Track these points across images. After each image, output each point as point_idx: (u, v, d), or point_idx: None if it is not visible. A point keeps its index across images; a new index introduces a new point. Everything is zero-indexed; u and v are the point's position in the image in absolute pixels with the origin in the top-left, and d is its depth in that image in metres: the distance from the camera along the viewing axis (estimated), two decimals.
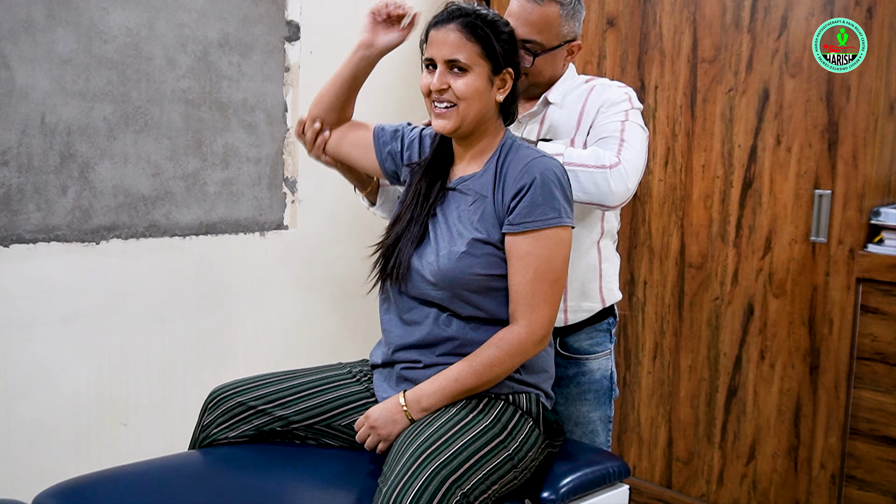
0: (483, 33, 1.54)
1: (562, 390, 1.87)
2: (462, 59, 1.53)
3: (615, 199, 1.63)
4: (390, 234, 1.66)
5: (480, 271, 1.54)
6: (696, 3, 2.44)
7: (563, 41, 1.78)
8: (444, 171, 1.66)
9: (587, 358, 1.87)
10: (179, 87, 2.36)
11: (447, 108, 1.56)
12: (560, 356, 1.85)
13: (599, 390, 1.88)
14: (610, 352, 1.91)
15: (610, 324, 1.91)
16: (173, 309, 2.42)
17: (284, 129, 2.60)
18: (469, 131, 1.59)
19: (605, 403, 1.90)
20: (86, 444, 2.26)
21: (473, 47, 1.54)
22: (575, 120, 1.80)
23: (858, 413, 2.21)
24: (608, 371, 1.90)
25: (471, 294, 1.55)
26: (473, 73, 1.54)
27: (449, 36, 1.54)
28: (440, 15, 1.58)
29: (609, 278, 1.88)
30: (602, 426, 1.91)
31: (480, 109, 1.57)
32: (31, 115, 2.10)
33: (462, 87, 1.54)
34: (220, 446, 1.67)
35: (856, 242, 2.18)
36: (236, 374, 2.44)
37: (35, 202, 2.13)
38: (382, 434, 1.54)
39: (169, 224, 2.38)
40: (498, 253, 1.54)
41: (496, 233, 1.54)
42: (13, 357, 2.13)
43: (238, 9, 2.46)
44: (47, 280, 2.17)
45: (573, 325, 1.86)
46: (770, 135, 2.33)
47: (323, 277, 2.75)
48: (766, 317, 2.36)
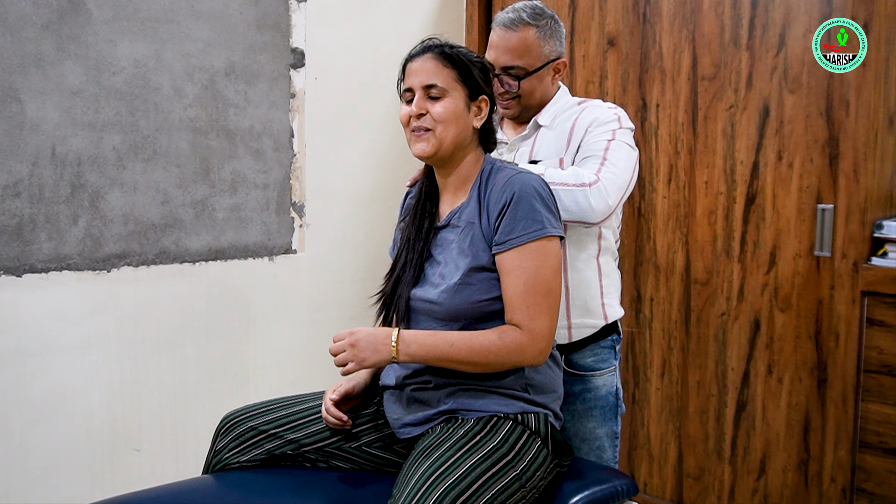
0: (458, 59, 1.60)
1: (568, 407, 1.88)
2: (439, 83, 1.59)
3: (596, 216, 1.69)
4: (388, 281, 1.70)
5: (480, 297, 1.56)
6: (695, 22, 2.47)
7: (546, 61, 1.84)
8: (432, 210, 1.69)
9: (592, 374, 1.89)
10: (187, 115, 2.39)
11: (425, 132, 1.60)
12: (566, 373, 1.87)
13: (605, 406, 1.90)
14: (615, 368, 1.92)
15: (614, 340, 1.93)
16: (184, 335, 2.44)
17: (291, 155, 2.64)
18: (448, 155, 1.62)
19: (612, 419, 1.91)
20: (99, 471, 2.28)
21: (450, 72, 1.59)
22: (565, 140, 1.84)
23: (867, 426, 2.21)
24: (613, 387, 1.92)
25: (477, 322, 1.57)
26: (450, 98, 1.59)
27: (425, 64, 1.60)
28: (416, 48, 1.64)
29: (610, 294, 1.91)
30: (609, 442, 1.92)
31: (458, 133, 1.60)
32: (41, 146, 2.14)
33: (439, 110, 1.58)
34: (232, 471, 1.69)
35: (859, 256, 2.20)
36: (247, 399, 2.46)
37: (47, 232, 2.16)
38: (359, 356, 1.51)
39: (179, 251, 2.41)
40: (493, 276, 1.57)
41: (486, 256, 1.56)
42: (27, 385, 2.15)
43: (243, 38, 2.50)
44: (60, 308, 2.19)
45: (577, 343, 1.88)
46: (771, 150, 2.34)
47: (332, 301, 2.77)
48: (773, 331, 2.37)
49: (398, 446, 1.68)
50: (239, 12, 2.48)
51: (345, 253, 2.79)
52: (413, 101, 1.61)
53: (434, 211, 1.69)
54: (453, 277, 1.57)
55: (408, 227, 1.70)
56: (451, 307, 1.56)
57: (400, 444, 1.68)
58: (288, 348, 2.68)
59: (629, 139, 1.81)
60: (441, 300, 1.57)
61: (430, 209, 1.69)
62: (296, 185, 2.66)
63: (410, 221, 1.70)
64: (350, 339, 1.52)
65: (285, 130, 2.62)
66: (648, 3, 2.56)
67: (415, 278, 1.64)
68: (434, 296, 1.58)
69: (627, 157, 1.77)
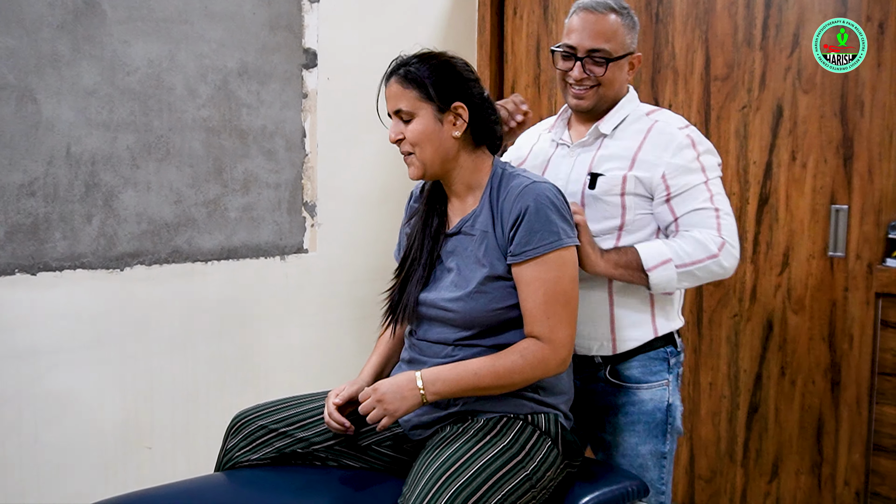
0: (415, 78, 1.58)
1: (609, 419, 1.78)
2: (404, 108, 1.59)
3: (730, 273, 1.70)
4: (397, 280, 1.70)
5: (496, 305, 1.56)
6: (708, 22, 2.46)
7: (627, 51, 1.77)
8: (442, 209, 1.69)
9: (638, 387, 1.76)
10: (200, 115, 2.41)
11: (408, 155, 1.62)
12: (609, 384, 1.77)
13: (651, 422, 1.76)
14: (667, 382, 1.77)
15: (668, 353, 1.78)
16: (196, 333, 2.45)
17: (303, 155, 2.64)
18: (438, 172, 1.63)
19: (658, 437, 1.76)
20: (112, 469, 2.30)
21: (411, 93, 1.59)
22: (629, 158, 1.74)
23: (881, 429, 2.19)
24: (663, 403, 1.76)
25: (491, 330, 1.57)
26: (418, 118, 1.59)
27: (392, 89, 1.61)
28: (387, 72, 1.64)
29: (663, 308, 1.78)
30: (654, 461, 1.77)
31: (437, 150, 1.60)
32: (56, 146, 2.16)
33: (411, 133, 1.59)
34: (243, 469, 1.70)
35: (874, 257, 2.18)
36: (259, 397, 2.47)
37: (61, 231, 2.18)
38: (389, 409, 1.52)
39: (191, 250, 2.42)
40: (509, 284, 1.57)
41: (501, 265, 1.57)
42: (41, 383, 2.17)
43: (256, 38, 2.51)
44: (73, 307, 2.21)
45: (624, 354, 1.77)
46: (785, 151, 2.33)
47: (343, 300, 2.77)
48: (786, 333, 2.35)
49: (408, 446, 1.68)
50: (252, 13, 2.49)
51: (356, 253, 2.79)
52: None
53: (443, 210, 1.69)
54: (469, 285, 1.57)
55: (415, 228, 1.70)
56: (466, 315, 1.56)
57: (409, 444, 1.68)
58: (299, 348, 2.69)
59: (715, 166, 1.75)
60: (457, 308, 1.57)
61: (440, 209, 1.69)
62: (307, 185, 2.66)
63: (418, 221, 1.70)
64: (375, 395, 1.53)
65: (297, 130, 2.63)
66: (661, 4, 2.55)
67: (425, 279, 1.64)
68: (449, 303, 1.58)
69: (725, 195, 1.74)
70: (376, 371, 1.75)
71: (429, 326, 1.63)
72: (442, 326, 1.60)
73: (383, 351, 1.79)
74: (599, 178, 1.74)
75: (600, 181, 1.73)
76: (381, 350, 1.79)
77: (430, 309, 1.62)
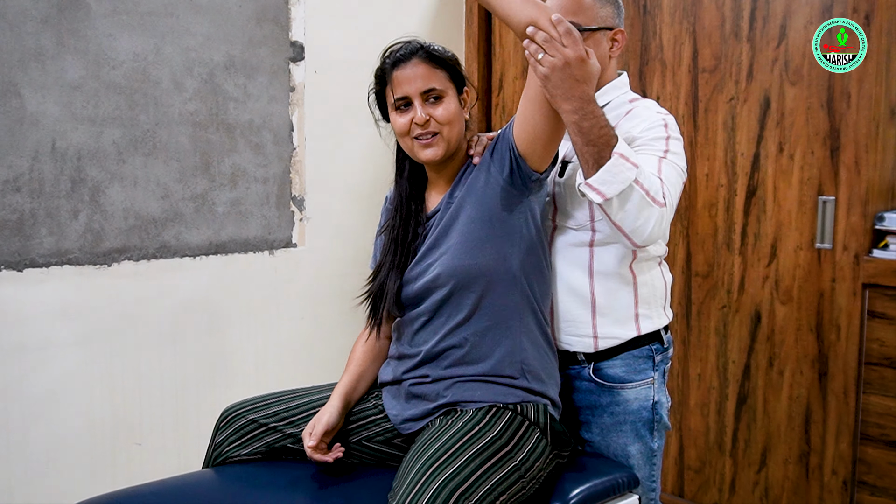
0: (443, 59, 1.61)
1: (595, 420, 1.74)
2: (438, 87, 1.59)
3: (643, 240, 1.52)
4: (374, 281, 1.71)
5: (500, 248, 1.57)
6: (696, 14, 2.46)
7: (601, 25, 1.68)
8: (418, 209, 1.69)
9: (622, 387, 1.71)
10: (187, 109, 2.39)
11: (433, 136, 1.59)
12: (594, 383, 1.73)
13: (637, 422, 1.72)
14: (652, 380, 1.73)
15: (653, 350, 1.73)
16: (185, 328, 2.44)
17: (291, 149, 2.63)
18: (453, 152, 1.64)
19: (646, 436, 1.73)
20: (101, 465, 2.29)
21: (442, 73, 1.60)
22: None
23: (868, 418, 2.21)
24: (649, 402, 1.72)
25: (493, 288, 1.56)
26: (448, 98, 1.60)
27: (416, 70, 1.59)
28: (399, 55, 1.61)
29: (648, 304, 1.72)
30: (644, 460, 1.74)
31: (460, 130, 1.63)
32: (41, 141, 2.14)
33: (443, 112, 1.59)
34: (232, 464, 1.69)
35: (861, 248, 2.19)
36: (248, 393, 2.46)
37: (48, 227, 2.16)
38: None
39: (179, 245, 2.41)
40: (512, 220, 1.57)
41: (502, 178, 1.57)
42: (29, 380, 2.16)
43: (243, 31, 2.49)
44: (61, 303, 2.20)
45: (607, 351, 1.72)
46: (772, 142, 2.34)
47: (332, 294, 2.77)
48: (774, 324, 2.36)
49: (398, 440, 1.68)
50: (238, 6, 2.48)
51: (345, 246, 2.79)
52: (409, 109, 1.60)
53: (420, 209, 1.69)
54: (463, 238, 1.57)
55: (393, 230, 1.69)
56: (462, 268, 1.56)
57: (400, 439, 1.68)
58: (288, 342, 2.68)
59: (679, 157, 1.64)
60: (448, 267, 1.56)
61: (416, 209, 1.69)
62: (296, 179, 2.66)
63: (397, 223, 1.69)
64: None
65: (285, 124, 2.62)
66: None
67: (401, 272, 1.64)
68: (436, 268, 1.58)
69: (678, 179, 1.62)
70: (347, 394, 1.70)
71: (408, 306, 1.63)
72: (430, 305, 1.60)
73: (354, 370, 1.74)
74: (569, 164, 1.71)
75: (569, 168, 1.71)
76: (352, 369, 1.74)
77: (413, 286, 1.61)
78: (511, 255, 1.57)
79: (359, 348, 1.77)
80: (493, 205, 1.57)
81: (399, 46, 1.63)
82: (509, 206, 1.57)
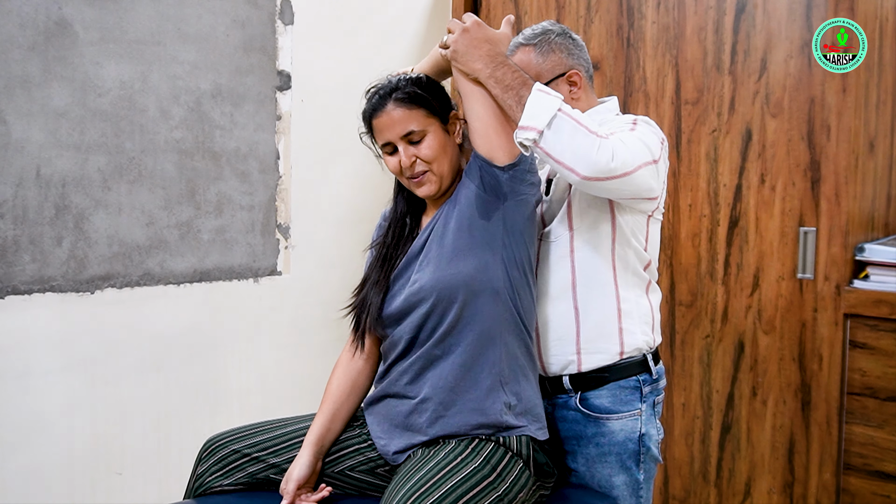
0: (417, 96, 1.60)
1: (581, 450, 1.73)
2: (416, 128, 1.59)
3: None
4: (358, 294, 1.72)
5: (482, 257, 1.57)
6: (678, 47, 2.50)
7: (552, 76, 1.73)
8: (413, 225, 1.71)
9: (608, 418, 1.70)
10: (173, 137, 2.40)
11: (423, 175, 1.61)
12: (580, 413, 1.72)
13: (623, 453, 1.70)
14: (640, 412, 1.71)
15: (641, 381, 1.71)
16: (168, 357, 2.43)
17: (277, 177, 2.64)
18: (451, 183, 1.66)
19: (632, 468, 1.71)
20: (80, 495, 2.26)
21: (419, 112, 1.60)
22: None
23: (851, 448, 2.22)
24: (635, 434, 1.70)
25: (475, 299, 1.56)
26: (430, 134, 1.60)
27: (392, 115, 1.60)
28: (371, 103, 1.63)
29: (631, 318, 1.71)
30: (629, 492, 1.72)
31: (451, 160, 1.64)
32: (26, 167, 2.14)
33: (426, 151, 1.60)
34: (214, 494, 1.68)
35: (842, 278, 2.21)
36: (231, 422, 2.44)
37: (30, 253, 2.15)
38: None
39: (163, 272, 2.40)
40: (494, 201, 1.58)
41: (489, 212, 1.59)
42: (9, 408, 2.13)
43: (230, 60, 2.51)
44: (43, 330, 2.18)
45: (593, 379, 1.71)
46: (754, 174, 2.37)
47: (317, 322, 2.76)
48: (757, 353, 2.38)
49: (381, 470, 1.67)
50: (225, 35, 2.49)
51: (330, 275, 2.78)
52: (397, 152, 1.62)
53: (416, 226, 1.72)
54: (444, 249, 1.58)
55: (383, 246, 1.71)
56: (444, 279, 1.56)
57: (384, 468, 1.67)
58: (273, 371, 2.67)
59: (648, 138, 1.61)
60: (430, 278, 1.57)
61: (412, 225, 1.71)
62: (281, 207, 2.66)
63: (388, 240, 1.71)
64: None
65: (271, 152, 2.63)
66: (632, 28, 2.59)
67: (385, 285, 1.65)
68: (418, 280, 1.59)
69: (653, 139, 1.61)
70: (318, 440, 1.66)
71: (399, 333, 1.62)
72: (415, 320, 1.59)
73: (328, 410, 1.70)
74: (553, 181, 1.75)
75: (553, 183, 1.74)
76: (326, 409, 1.70)
77: (396, 303, 1.61)
78: (492, 264, 1.56)
79: (335, 380, 1.73)
80: (471, 213, 1.58)
81: (373, 92, 1.64)
82: (486, 214, 1.58)
